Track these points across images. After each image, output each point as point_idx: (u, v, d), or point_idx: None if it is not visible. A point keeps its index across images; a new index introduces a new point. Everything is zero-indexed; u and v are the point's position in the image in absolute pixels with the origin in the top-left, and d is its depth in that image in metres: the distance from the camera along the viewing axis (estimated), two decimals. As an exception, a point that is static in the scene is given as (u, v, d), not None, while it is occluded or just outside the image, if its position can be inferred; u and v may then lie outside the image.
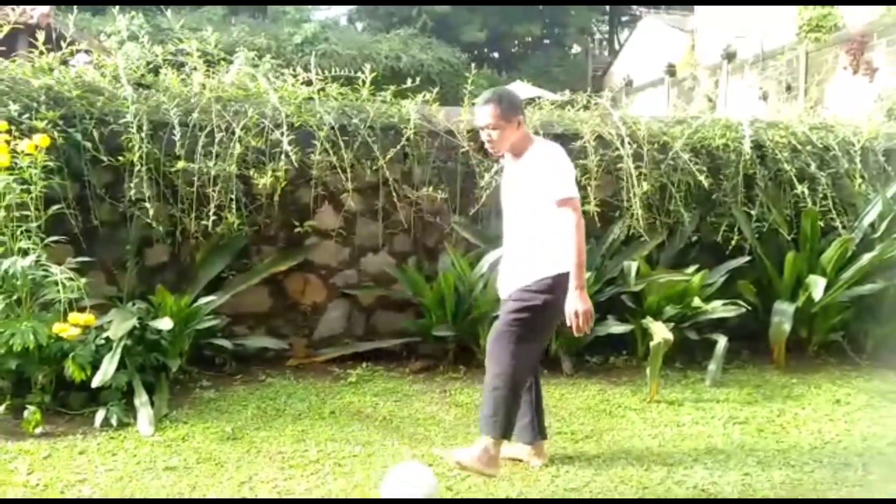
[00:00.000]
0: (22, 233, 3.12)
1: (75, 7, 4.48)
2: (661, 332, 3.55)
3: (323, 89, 3.99)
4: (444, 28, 21.21)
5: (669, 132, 4.23)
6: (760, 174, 4.26)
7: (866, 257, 3.89)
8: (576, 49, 24.91)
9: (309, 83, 3.95)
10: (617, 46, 24.38)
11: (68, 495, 2.41)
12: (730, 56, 13.83)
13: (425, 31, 21.02)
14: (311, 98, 3.94)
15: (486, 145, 2.71)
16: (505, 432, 2.56)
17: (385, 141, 3.93)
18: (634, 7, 24.81)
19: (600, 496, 2.52)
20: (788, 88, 12.40)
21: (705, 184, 4.03)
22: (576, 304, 2.48)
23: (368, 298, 4.13)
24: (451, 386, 3.68)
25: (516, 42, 24.48)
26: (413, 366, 3.93)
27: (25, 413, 2.92)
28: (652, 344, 3.51)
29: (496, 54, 24.38)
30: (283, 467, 2.68)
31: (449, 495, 2.49)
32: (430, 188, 3.99)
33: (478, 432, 3.04)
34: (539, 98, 4.76)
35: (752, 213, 4.24)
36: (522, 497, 2.50)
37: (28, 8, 11.51)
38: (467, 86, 4.19)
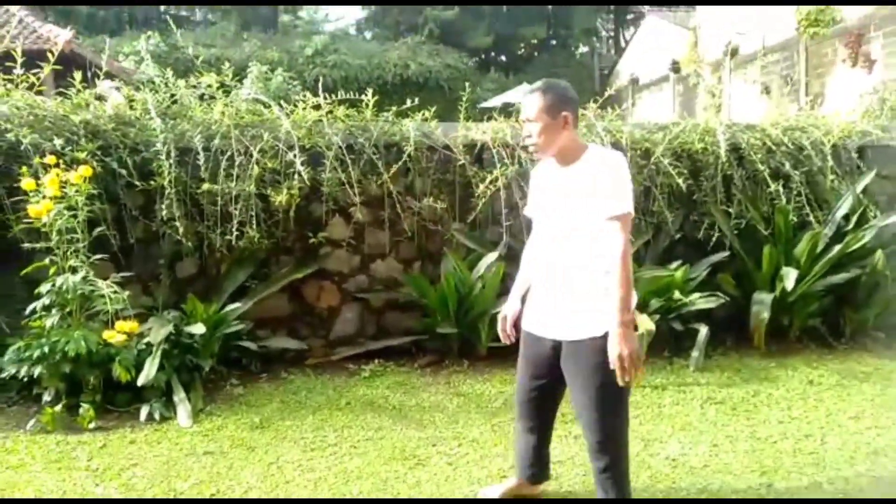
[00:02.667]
0: (71, 253, 3.55)
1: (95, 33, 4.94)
2: (644, 324, 3.86)
3: (331, 111, 4.38)
4: (450, 34, 21.63)
5: (651, 138, 4.57)
6: (738, 174, 4.57)
7: (835, 249, 4.20)
8: (582, 49, 25.19)
9: (318, 107, 4.35)
10: (623, 44, 24.61)
11: (124, 478, 2.82)
12: (732, 52, 14.07)
13: (432, 37, 21.45)
14: (320, 121, 4.33)
15: (527, 143, 2.32)
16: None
17: (388, 157, 4.32)
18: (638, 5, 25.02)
19: (583, 467, 2.87)
20: (790, 83, 12.62)
21: (684, 187, 4.36)
22: (619, 347, 2.10)
23: (378, 301, 4.51)
24: (455, 378, 4.04)
25: (522, 45, 24.84)
26: (421, 361, 4.30)
27: (80, 410, 3.35)
28: (636, 334, 3.84)
29: (503, 58, 24.74)
30: (306, 450, 3.07)
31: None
32: (431, 199, 4.36)
33: (479, 418, 3.43)
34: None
35: (731, 211, 4.55)
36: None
37: (52, 36, 12.07)
38: (462, 102, 4.57)
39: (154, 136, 3.99)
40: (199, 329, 3.66)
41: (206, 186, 3.97)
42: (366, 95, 4.39)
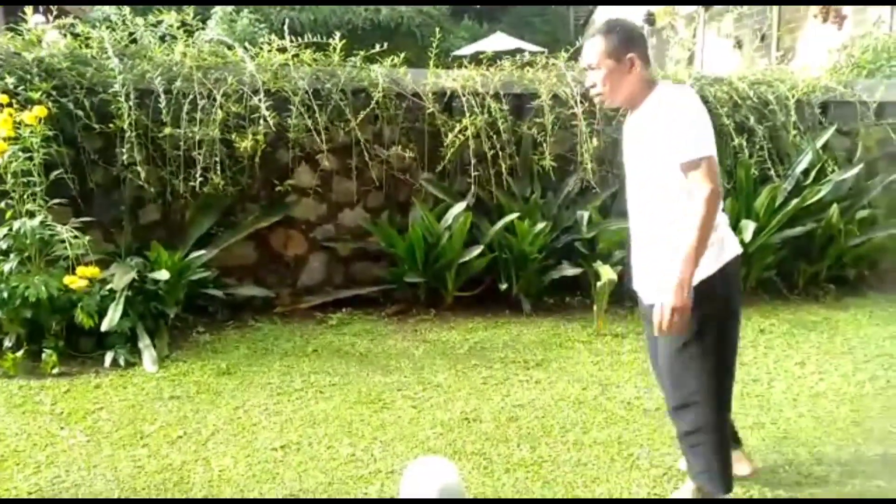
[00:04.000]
0: (28, 196, 3.46)
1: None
2: (607, 274, 3.98)
3: (297, 55, 4.26)
4: (423, -22, 20.92)
5: (621, 90, 4.56)
6: (704, 128, 4.62)
7: (792, 203, 4.32)
8: (558, -3, 24.69)
9: (283, 50, 4.23)
10: (599, -6, 24.16)
11: (89, 421, 2.84)
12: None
13: (405, -19, 20.75)
14: (286, 64, 4.22)
15: (591, 92, 2.09)
16: (730, 482, 2.12)
17: (356, 104, 4.24)
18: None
19: (542, 410, 2.98)
20: (763, 38, 12.65)
21: (651, 138, 4.39)
22: (669, 298, 1.90)
23: (346, 250, 4.52)
24: (421, 326, 4.11)
25: (498, -8, 24.19)
26: (388, 310, 4.34)
27: (43, 356, 3.33)
28: (598, 284, 3.95)
29: (477, 5, 24.13)
30: (272, 394, 3.12)
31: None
32: (400, 147, 4.32)
33: (444, 364, 3.51)
34: (520, 50, 5.02)
35: (696, 164, 4.61)
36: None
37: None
38: (433, 49, 4.48)
39: (112, 76, 3.85)
40: (163, 275, 3.63)
41: (167, 130, 3.87)
42: (333, 39, 4.28)
